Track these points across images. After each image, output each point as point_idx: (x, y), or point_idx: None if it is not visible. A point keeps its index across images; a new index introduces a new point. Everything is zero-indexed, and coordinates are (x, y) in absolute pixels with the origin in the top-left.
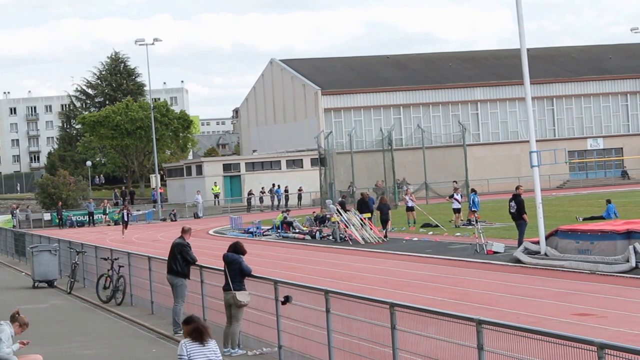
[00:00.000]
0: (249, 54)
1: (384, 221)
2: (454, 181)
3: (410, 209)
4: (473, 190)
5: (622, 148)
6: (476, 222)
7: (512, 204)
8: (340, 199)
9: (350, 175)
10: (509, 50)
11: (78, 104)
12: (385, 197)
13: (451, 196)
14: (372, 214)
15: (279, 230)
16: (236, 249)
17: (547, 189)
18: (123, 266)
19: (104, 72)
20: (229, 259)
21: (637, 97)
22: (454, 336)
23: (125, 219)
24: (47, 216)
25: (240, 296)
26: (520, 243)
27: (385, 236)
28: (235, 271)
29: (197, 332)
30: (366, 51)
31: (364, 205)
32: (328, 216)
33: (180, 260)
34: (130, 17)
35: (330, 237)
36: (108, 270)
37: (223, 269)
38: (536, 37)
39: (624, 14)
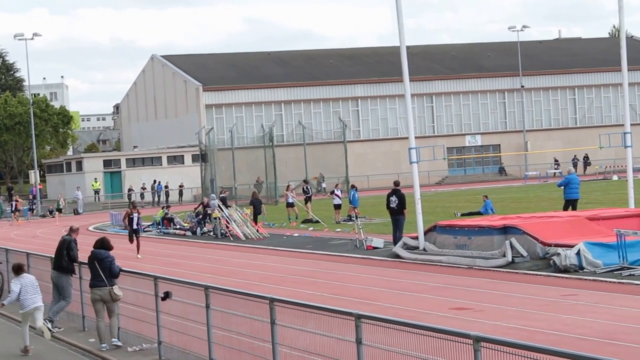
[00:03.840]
0: (129, 49)
1: (257, 216)
2: (303, 181)
3: (290, 205)
4: (353, 187)
5: (499, 145)
6: (356, 217)
7: (393, 198)
8: (221, 195)
9: (232, 171)
10: (389, 48)
11: None
12: (257, 192)
13: (332, 192)
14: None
15: (159, 227)
16: (103, 244)
17: (426, 185)
18: (2, 262)
19: None
20: (102, 256)
21: (515, 94)
22: (333, 331)
23: (135, 226)
24: None
25: (117, 290)
26: (399, 238)
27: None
28: (107, 268)
29: (16, 268)
30: (247, 47)
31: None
32: (209, 212)
33: (66, 257)
34: (5, 10)
35: (212, 233)
36: None
37: (91, 265)
38: (416, 34)
39: (501, 13)
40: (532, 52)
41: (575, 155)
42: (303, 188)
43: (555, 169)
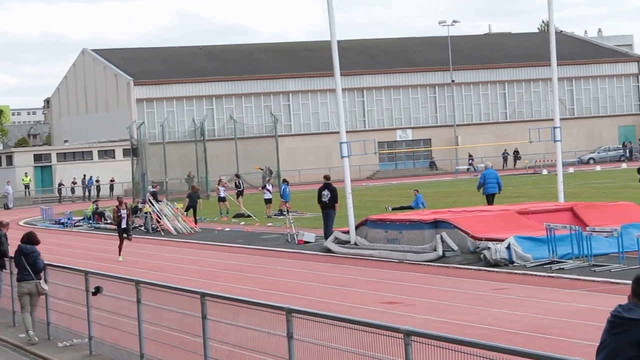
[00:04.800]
0: (60, 43)
1: (192, 209)
2: (235, 175)
3: (222, 200)
4: (285, 181)
5: (430, 139)
6: (287, 212)
7: (325, 192)
8: (152, 189)
9: (163, 165)
10: (320, 42)
11: None
12: (196, 186)
13: (263, 187)
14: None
15: (90, 221)
16: (30, 239)
17: (357, 180)
18: None
19: None
20: (28, 250)
21: (445, 89)
22: (264, 325)
23: (125, 225)
24: None
25: (43, 284)
26: (330, 233)
27: (195, 221)
28: (31, 262)
29: None
30: (178, 41)
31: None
32: (140, 207)
33: None
34: None
35: (142, 228)
36: None
37: (17, 259)
38: (347, 29)
39: (432, 8)
40: (462, 47)
41: (505, 150)
42: (235, 182)
43: (469, 164)
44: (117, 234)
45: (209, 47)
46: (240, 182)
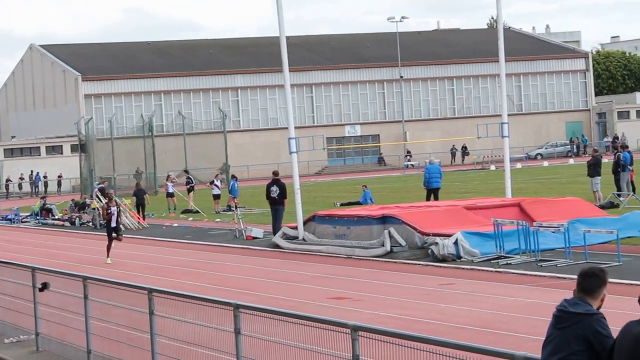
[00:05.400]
0: (7, 38)
1: (140, 206)
2: (184, 171)
3: (170, 195)
4: (233, 177)
5: (378, 135)
6: (235, 207)
7: (274, 188)
8: (100, 185)
9: (111, 161)
10: (268, 38)
11: None
12: (141, 183)
13: (211, 182)
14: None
15: (38, 217)
16: None
17: (305, 175)
18: None
19: None
20: None
21: (394, 85)
22: (212, 321)
23: (114, 224)
24: None
25: None
26: (278, 229)
27: (144, 217)
28: None
29: None
30: (126, 37)
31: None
32: (88, 202)
33: None
34: None
35: (90, 224)
36: None
37: None
38: (295, 25)
39: (380, 4)
40: (411, 43)
41: (453, 145)
42: (186, 179)
43: (408, 160)
44: (105, 234)
45: (158, 43)
46: (191, 177)
